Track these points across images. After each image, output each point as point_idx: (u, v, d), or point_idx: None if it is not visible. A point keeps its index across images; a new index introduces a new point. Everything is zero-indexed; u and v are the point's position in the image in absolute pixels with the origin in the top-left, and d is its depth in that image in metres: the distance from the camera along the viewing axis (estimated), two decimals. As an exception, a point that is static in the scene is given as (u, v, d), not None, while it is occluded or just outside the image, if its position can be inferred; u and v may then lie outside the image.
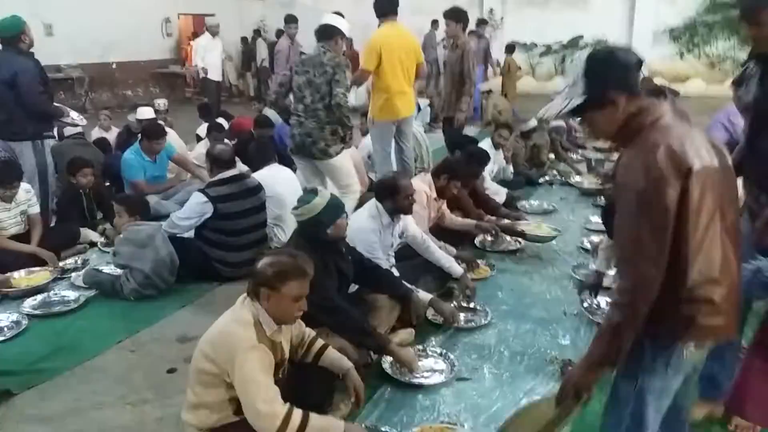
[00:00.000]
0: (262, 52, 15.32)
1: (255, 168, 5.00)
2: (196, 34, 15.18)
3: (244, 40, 16.04)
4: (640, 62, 1.69)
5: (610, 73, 1.67)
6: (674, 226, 1.55)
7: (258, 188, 4.18)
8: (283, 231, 4.55)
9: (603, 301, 3.47)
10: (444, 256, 3.69)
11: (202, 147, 6.19)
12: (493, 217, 4.81)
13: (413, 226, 3.69)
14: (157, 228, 3.94)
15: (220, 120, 7.20)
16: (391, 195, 3.45)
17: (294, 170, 5.24)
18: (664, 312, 1.61)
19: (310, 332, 2.45)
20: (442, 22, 8.13)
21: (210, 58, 9.89)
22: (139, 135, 5.65)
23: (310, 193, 2.94)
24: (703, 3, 13.70)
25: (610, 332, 1.66)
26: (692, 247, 1.56)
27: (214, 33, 10.06)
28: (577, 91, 1.69)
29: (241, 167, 5.28)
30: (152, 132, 5.45)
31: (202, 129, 6.93)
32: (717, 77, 13.74)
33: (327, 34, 4.33)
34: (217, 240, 3.98)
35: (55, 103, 5.05)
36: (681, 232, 1.56)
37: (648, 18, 14.29)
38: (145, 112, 6.72)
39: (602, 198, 5.68)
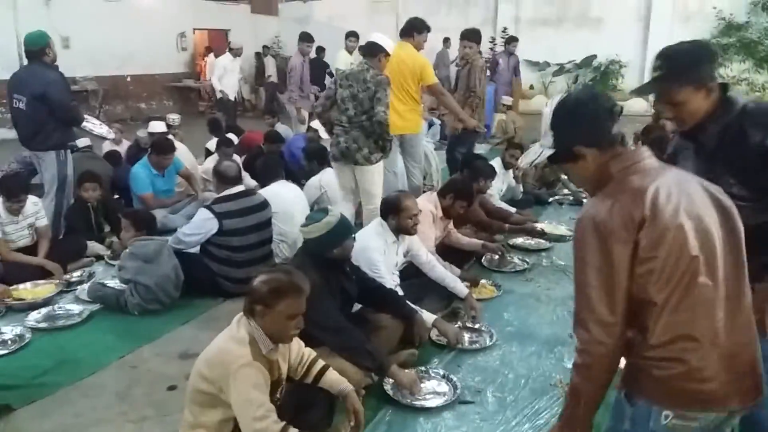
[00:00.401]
0: (270, 68, 15.48)
1: (263, 183, 5.02)
2: (210, 49, 15.38)
3: (257, 55, 16.19)
4: (613, 109, 1.59)
5: (576, 128, 1.60)
6: (639, 283, 1.44)
7: (264, 204, 4.18)
8: (288, 247, 4.54)
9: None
10: (449, 275, 3.66)
11: (211, 162, 6.22)
12: (506, 225, 4.96)
13: (418, 245, 3.66)
14: (163, 243, 3.94)
15: (230, 135, 7.24)
16: (394, 213, 3.45)
17: (302, 186, 5.26)
18: (637, 372, 1.50)
19: (310, 352, 2.43)
20: (454, 40, 8.20)
21: (228, 78, 9.96)
22: (149, 149, 5.70)
23: (320, 211, 2.93)
24: (718, 25, 13.66)
25: (570, 394, 1.59)
26: (658, 306, 1.43)
27: (237, 55, 10.14)
28: (549, 142, 1.68)
29: (249, 182, 5.31)
30: (161, 146, 5.49)
31: (212, 143, 6.97)
32: (730, 98, 13.65)
33: (372, 51, 4.47)
34: (223, 256, 3.98)
35: (86, 115, 5.15)
36: (645, 290, 1.44)
37: (662, 39, 14.11)
38: (157, 126, 6.78)
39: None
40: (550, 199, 6.51)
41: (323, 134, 7.05)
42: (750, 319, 1.52)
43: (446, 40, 13.17)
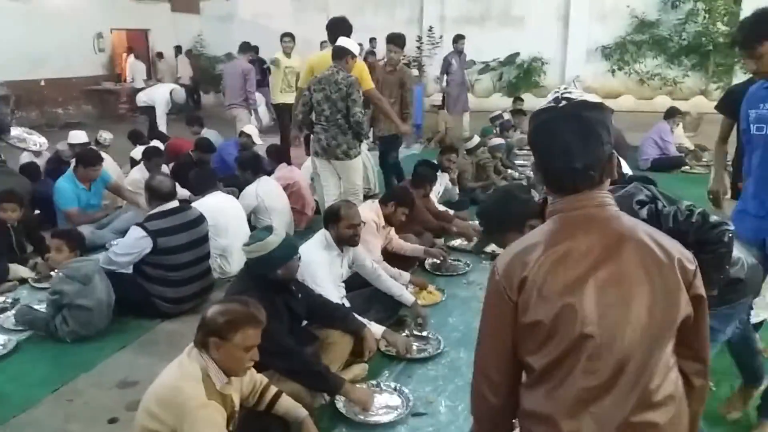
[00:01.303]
0: (182, 69, 15.00)
1: (195, 194, 4.86)
2: (130, 50, 14.78)
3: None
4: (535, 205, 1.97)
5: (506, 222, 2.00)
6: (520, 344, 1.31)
7: (200, 219, 4.03)
8: (227, 262, 4.42)
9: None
10: (395, 284, 3.66)
11: (137, 172, 5.94)
12: (454, 228, 5.07)
13: (363, 255, 3.64)
14: (96, 264, 3.74)
15: (156, 143, 6.94)
16: (334, 223, 3.43)
17: (238, 195, 5.12)
18: None
19: (261, 379, 2.37)
20: (380, 39, 8.24)
21: (157, 95, 9.55)
22: (73, 161, 5.39)
23: (264, 230, 2.85)
24: (631, 23, 14.33)
25: None
26: (535, 373, 1.30)
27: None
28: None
29: (180, 191, 5.13)
30: (88, 158, 5.21)
31: (137, 152, 6.61)
32: (646, 93, 14.37)
33: (339, 54, 4.79)
34: (158, 275, 3.81)
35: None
36: (525, 352, 1.30)
37: (581, 36, 14.83)
38: (77, 136, 6.43)
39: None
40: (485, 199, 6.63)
41: (257, 140, 6.93)
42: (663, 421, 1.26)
43: (372, 40, 13.20)
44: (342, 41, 4.85)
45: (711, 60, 13.58)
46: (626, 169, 5.38)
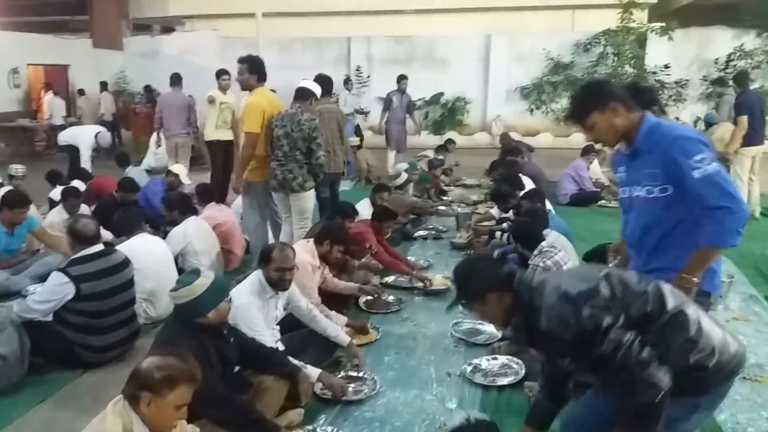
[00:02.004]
0: (106, 105, 14.60)
1: (119, 235, 4.69)
2: (49, 86, 14.23)
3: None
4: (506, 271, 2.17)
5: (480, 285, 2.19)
6: None
7: (125, 263, 3.88)
8: (153, 307, 4.27)
9: (483, 360, 3.63)
10: (330, 325, 3.64)
11: (56, 214, 5.70)
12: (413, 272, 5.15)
13: (298, 296, 3.61)
14: (9, 310, 3.53)
15: (77, 183, 6.67)
16: (264, 264, 3.37)
17: (164, 236, 4.99)
18: None
19: (193, 429, 2.29)
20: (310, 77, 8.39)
21: (81, 137, 9.31)
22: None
23: (191, 273, 2.78)
24: (547, 65, 15.17)
25: None
26: None
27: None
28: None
29: (104, 234, 4.94)
30: (14, 200, 4.94)
31: (56, 192, 6.36)
32: (562, 131, 15.17)
33: (303, 95, 5.04)
34: (80, 323, 3.61)
35: None
36: None
37: (501, 77, 15.56)
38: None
39: (472, 250, 5.99)
40: (416, 234, 6.75)
41: (184, 179, 6.80)
42: None
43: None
44: (305, 83, 5.13)
45: (621, 100, 14.49)
46: (548, 205, 5.63)
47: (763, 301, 4.75)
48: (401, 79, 10.42)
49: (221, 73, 8.19)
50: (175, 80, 8.83)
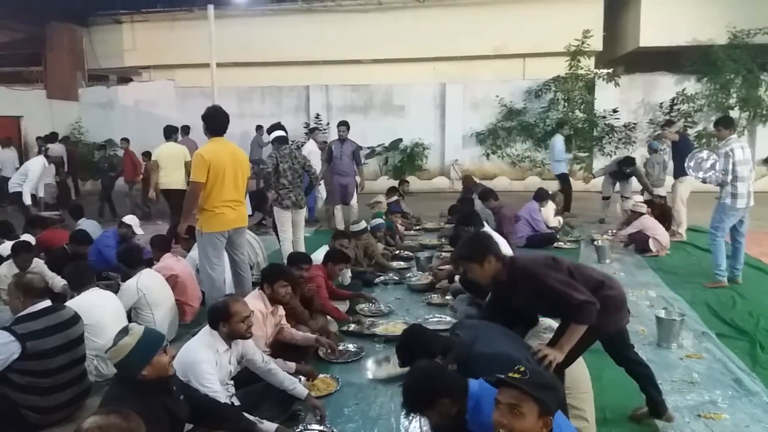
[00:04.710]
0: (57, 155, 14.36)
1: (71, 290, 4.55)
2: (8, 139, 13.91)
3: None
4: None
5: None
6: None
7: (74, 319, 3.75)
8: (104, 363, 4.11)
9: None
10: (287, 377, 3.56)
11: (5, 268, 5.50)
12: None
13: (253, 350, 3.54)
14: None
15: (26, 236, 6.47)
16: (224, 320, 3.30)
17: (116, 290, 4.85)
18: None
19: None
20: (266, 125, 8.64)
21: (32, 165, 9.31)
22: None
23: (120, 333, 2.70)
24: (501, 111, 15.64)
25: None
26: None
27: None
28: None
29: (58, 282, 4.80)
30: None
31: (5, 248, 6.15)
32: (518, 174, 15.57)
33: (285, 140, 7.21)
34: (26, 383, 3.45)
35: None
36: None
37: (457, 124, 15.97)
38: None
39: (435, 296, 6.01)
40: (377, 280, 6.74)
41: (137, 230, 6.67)
42: None
43: (259, 128, 13.48)
44: (279, 132, 7.17)
45: (573, 143, 15.04)
46: (507, 249, 5.68)
47: (715, 338, 4.86)
48: (340, 125, 9.32)
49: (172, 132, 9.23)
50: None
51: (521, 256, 3.66)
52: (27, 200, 8.88)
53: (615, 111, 14.87)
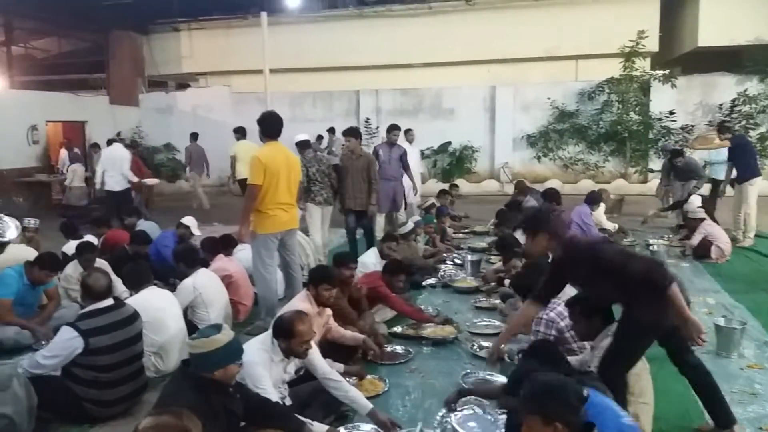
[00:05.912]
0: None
1: (130, 289, 4.73)
2: (70, 141, 14.69)
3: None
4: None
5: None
6: None
7: (134, 317, 3.91)
8: (161, 360, 4.28)
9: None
10: (351, 390, 3.51)
11: (71, 268, 5.76)
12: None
13: (321, 363, 3.52)
14: (13, 368, 3.53)
15: (90, 237, 6.75)
16: (286, 338, 3.30)
17: (173, 289, 5.02)
18: None
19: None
20: (321, 130, 8.80)
21: (117, 155, 9.98)
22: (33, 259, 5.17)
23: (212, 327, 2.80)
24: (553, 113, 15.39)
25: None
26: None
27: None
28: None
29: (120, 286, 5.00)
30: (49, 263, 5.09)
31: (70, 247, 6.43)
32: (570, 178, 15.25)
33: (307, 144, 7.54)
34: (89, 377, 3.62)
35: None
36: None
37: (507, 126, 15.78)
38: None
39: (483, 299, 5.97)
40: (425, 283, 6.74)
41: (195, 230, 6.88)
42: None
43: (320, 138, 13.99)
44: (303, 136, 7.56)
45: (627, 146, 14.65)
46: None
47: (777, 347, 4.67)
48: (391, 129, 8.57)
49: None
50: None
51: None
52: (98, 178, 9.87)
53: (671, 113, 14.42)
